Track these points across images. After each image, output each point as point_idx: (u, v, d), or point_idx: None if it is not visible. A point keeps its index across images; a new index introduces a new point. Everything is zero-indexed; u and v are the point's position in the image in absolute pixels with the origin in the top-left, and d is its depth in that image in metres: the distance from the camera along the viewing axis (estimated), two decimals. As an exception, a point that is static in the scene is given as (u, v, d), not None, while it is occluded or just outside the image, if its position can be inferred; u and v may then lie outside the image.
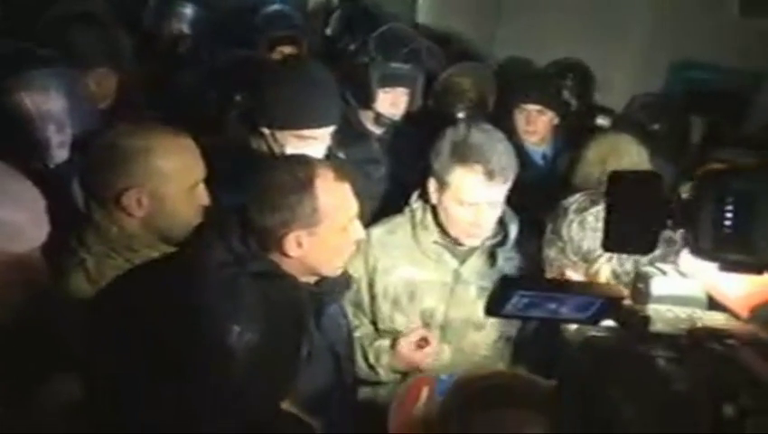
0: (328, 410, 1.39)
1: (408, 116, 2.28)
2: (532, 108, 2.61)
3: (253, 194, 1.36)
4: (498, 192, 1.67)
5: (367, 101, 2.18)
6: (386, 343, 1.78)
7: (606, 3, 3.66)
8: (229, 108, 2.01)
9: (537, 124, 2.62)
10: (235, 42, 2.60)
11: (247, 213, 1.36)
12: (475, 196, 1.66)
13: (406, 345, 1.71)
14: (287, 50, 2.68)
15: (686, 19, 3.54)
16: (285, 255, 1.35)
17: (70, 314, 1.15)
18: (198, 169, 1.47)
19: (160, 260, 1.00)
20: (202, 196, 1.47)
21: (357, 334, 1.79)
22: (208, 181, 1.50)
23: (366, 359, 1.78)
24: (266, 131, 1.79)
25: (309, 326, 1.28)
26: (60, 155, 1.68)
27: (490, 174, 1.63)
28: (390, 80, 2.17)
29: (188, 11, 2.97)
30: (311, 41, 2.89)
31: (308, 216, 1.33)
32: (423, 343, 1.72)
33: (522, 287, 0.74)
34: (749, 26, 3.58)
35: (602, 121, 2.93)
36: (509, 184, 1.68)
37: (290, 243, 1.34)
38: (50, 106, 1.64)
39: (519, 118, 2.61)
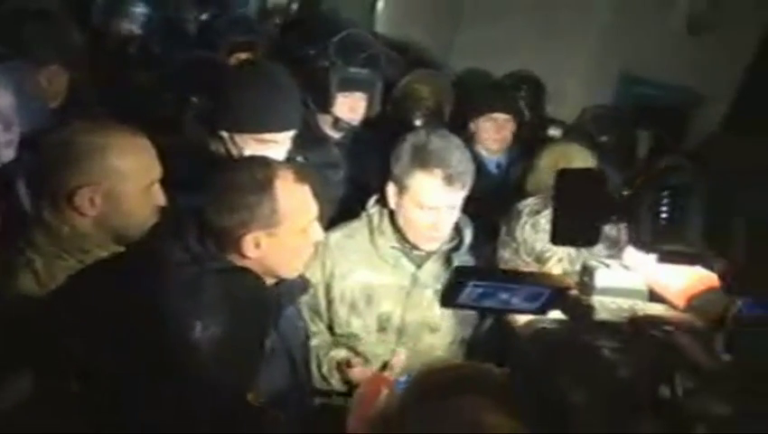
0: (285, 412, 1.39)
1: (367, 121, 2.30)
2: (500, 116, 2.70)
3: (211, 195, 1.35)
4: (456, 196, 1.71)
5: (326, 106, 2.19)
6: (340, 354, 1.79)
7: (560, 17, 3.78)
8: (186, 110, 1.99)
9: (503, 132, 2.71)
10: (191, 44, 2.58)
11: (204, 214, 1.34)
12: (435, 200, 1.69)
13: (360, 374, 1.72)
14: (244, 55, 2.67)
15: (635, 35, 3.70)
16: (243, 256, 1.34)
17: (19, 314, 1.12)
18: (154, 169, 1.44)
19: (115, 259, 0.99)
20: (158, 196, 1.45)
21: (313, 341, 1.79)
22: (164, 182, 1.48)
23: (320, 369, 1.78)
24: (225, 134, 1.78)
25: (272, 321, 1.29)
26: (6, 154, 1.63)
27: (449, 179, 1.67)
28: (349, 85, 2.19)
29: (138, 10, 2.93)
30: (269, 46, 2.89)
31: (267, 217, 1.33)
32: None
33: (476, 277, 0.77)
34: (695, 44, 3.76)
35: (553, 132, 3.04)
36: (467, 190, 1.73)
37: (248, 244, 1.33)
38: None
39: (486, 127, 2.69)
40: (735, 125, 3.73)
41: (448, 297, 0.78)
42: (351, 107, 2.23)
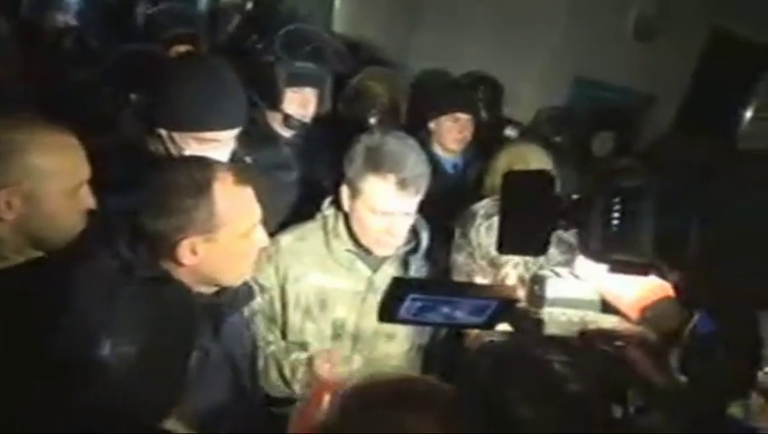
0: (227, 426, 1.32)
1: (318, 119, 2.23)
2: (461, 116, 2.67)
3: (145, 197, 1.27)
4: (410, 202, 1.66)
5: (274, 102, 2.11)
6: (302, 356, 1.72)
7: (516, 19, 3.80)
8: (123, 106, 1.88)
9: (464, 132, 2.68)
10: (127, 36, 2.46)
11: (138, 217, 1.26)
12: (388, 206, 1.64)
13: (323, 364, 1.66)
14: (183, 48, 2.55)
15: (589, 38, 3.75)
16: (179, 263, 1.26)
17: None
18: (81, 170, 1.35)
19: (29, 266, 0.91)
20: (86, 199, 1.35)
21: (271, 348, 1.72)
22: (95, 183, 1.39)
23: (281, 373, 1.71)
24: (164, 132, 1.68)
25: (201, 337, 1.21)
26: None
27: (402, 184, 1.62)
28: (297, 80, 2.12)
29: (73, 0, 2.78)
30: (213, 39, 2.79)
31: (204, 221, 1.25)
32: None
33: (414, 289, 0.71)
34: (646, 48, 3.84)
35: (510, 132, 3.03)
36: (421, 194, 1.67)
37: (184, 250, 1.25)
38: None
39: (447, 127, 2.66)
40: (685, 125, 3.84)
41: (387, 312, 0.73)
42: (300, 102, 2.14)
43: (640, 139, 3.48)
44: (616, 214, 0.61)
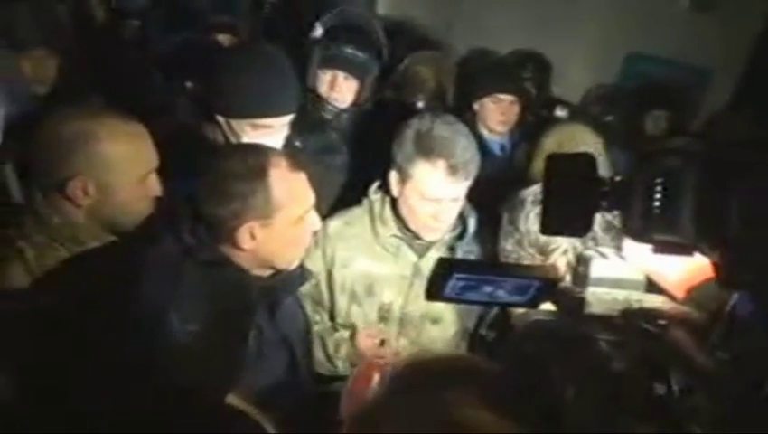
0: (283, 405, 1.38)
1: (368, 105, 2.24)
2: (506, 98, 2.63)
3: (204, 183, 1.32)
4: (460, 187, 1.66)
5: (307, 82, 2.12)
6: (346, 334, 1.76)
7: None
8: (178, 94, 1.95)
9: (510, 114, 2.64)
10: (177, 25, 2.53)
11: (197, 204, 1.31)
12: (437, 192, 1.64)
13: (366, 339, 1.70)
14: (222, 36, 2.58)
15: (640, 11, 3.62)
16: (239, 247, 1.31)
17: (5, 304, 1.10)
18: (150, 159, 1.41)
19: (101, 251, 0.98)
20: (154, 187, 1.41)
21: (316, 328, 1.76)
22: (159, 170, 1.45)
23: (325, 350, 1.76)
24: (221, 119, 1.74)
25: (258, 319, 1.26)
26: None
27: (453, 170, 1.62)
28: (330, 62, 2.13)
29: None
30: (252, 27, 2.82)
31: (261, 207, 1.30)
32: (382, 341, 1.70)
33: (458, 269, 0.74)
34: (699, 21, 3.68)
35: (560, 113, 2.97)
36: (471, 180, 1.67)
37: (243, 235, 1.30)
38: None
39: (491, 108, 2.62)
40: (743, 102, 3.67)
41: (433, 290, 0.76)
42: (331, 84, 2.15)
43: (696, 118, 3.35)
44: (658, 195, 0.62)
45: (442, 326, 1.79)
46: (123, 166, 1.36)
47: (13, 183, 1.42)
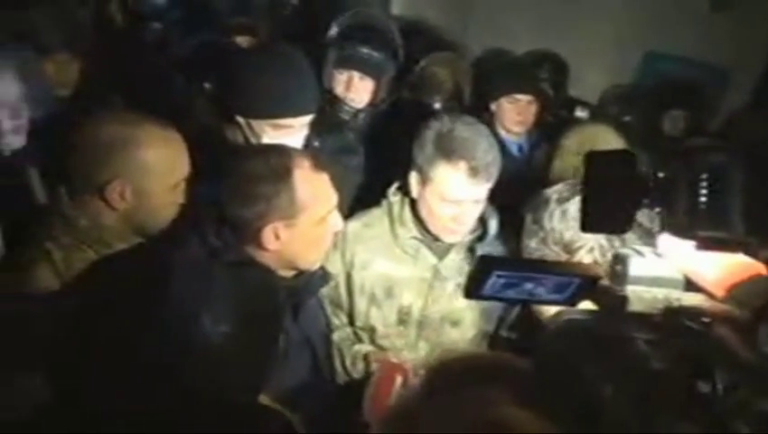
0: (307, 406, 1.38)
1: (385, 106, 2.25)
2: (523, 98, 2.61)
3: (228, 185, 1.32)
4: (481, 189, 1.65)
5: (322, 83, 2.11)
6: (364, 349, 1.75)
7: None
8: (197, 95, 1.96)
9: (527, 114, 2.63)
10: (195, 27, 2.54)
11: (221, 205, 1.31)
12: (458, 193, 1.63)
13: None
14: (241, 38, 2.58)
15: (657, 9, 3.59)
16: (263, 248, 1.31)
17: (34, 307, 1.11)
18: (185, 166, 1.42)
19: (130, 253, 0.98)
20: (183, 194, 1.43)
21: (335, 336, 1.75)
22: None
23: (343, 362, 1.75)
24: (241, 120, 1.75)
25: (285, 319, 1.26)
26: (15, 141, 1.61)
27: (474, 172, 1.60)
28: (345, 63, 2.13)
29: None
30: (271, 28, 2.82)
31: (285, 208, 1.30)
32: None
33: (499, 267, 0.74)
34: (719, 20, 3.64)
35: (580, 114, 2.94)
36: (492, 182, 1.65)
37: (267, 236, 1.30)
38: (2, 91, 1.58)
39: (508, 108, 2.61)
40: (763, 101, 3.62)
41: (472, 288, 0.75)
42: (347, 85, 2.15)
43: (714, 118, 3.32)
44: (704, 191, 0.61)
45: (462, 329, 1.78)
46: (160, 172, 1.37)
47: (37, 186, 1.43)
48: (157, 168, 1.35)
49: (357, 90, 2.16)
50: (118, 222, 1.36)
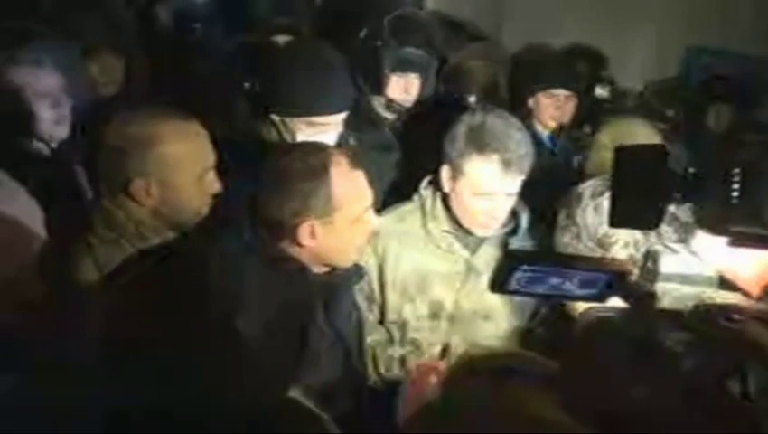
0: (339, 404, 1.38)
1: (420, 100, 2.25)
2: (561, 93, 2.59)
3: (265, 182, 1.34)
4: (513, 182, 1.64)
5: (379, 87, 2.14)
6: (398, 352, 1.76)
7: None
8: (238, 95, 2.00)
9: (564, 109, 2.60)
10: (237, 28, 2.58)
11: (258, 202, 1.33)
12: (491, 187, 1.63)
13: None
14: (282, 38, 2.58)
15: (702, 3, 3.49)
16: (299, 245, 1.32)
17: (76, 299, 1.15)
18: (207, 156, 1.45)
19: (165, 249, 1.00)
20: (212, 184, 1.45)
21: (370, 339, 1.75)
22: (218, 168, 1.48)
23: (376, 367, 1.76)
24: (277, 118, 1.77)
25: (317, 317, 1.27)
26: (58, 131, 1.65)
27: (507, 164, 1.60)
28: (403, 66, 2.13)
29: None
30: (311, 26, 2.84)
31: (322, 205, 1.31)
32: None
33: (527, 261, 0.73)
34: (764, 10, 3.51)
35: (600, 91, 2.86)
36: (525, 175, 1.65)
37: (303, 233, 1.31)
38: (42, 80, 1.61)
39: (545, 104, 2.59)
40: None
41: (498, 283, 0.75)
42: (405, 87, 2.16)
43: (761, 112, 3.20)
44: (736, 186, 0.60)
45: (494, 323, 1.77)
46: (183, 165, 1.40)
47: (83, 182, 1.48)
48: (179, 161, 1.38)
49: (411, 91, 2.17)
50: (150, 218, 1.40)
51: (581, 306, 0.90)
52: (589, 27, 3.48)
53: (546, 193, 1.84)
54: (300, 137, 1.75)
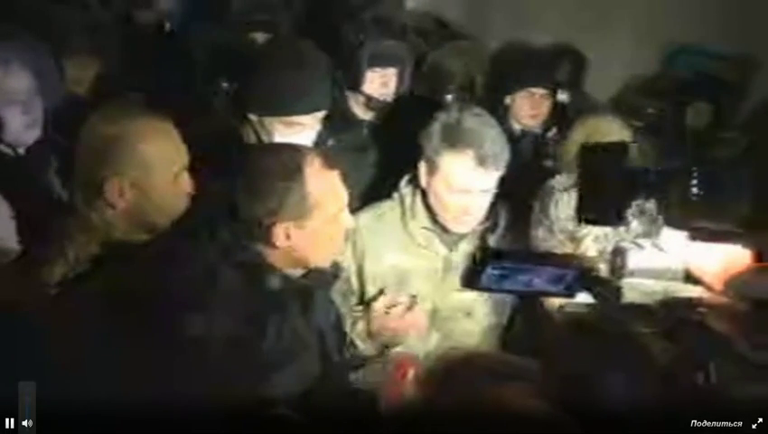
0: (317, 404, 1.37)
1: (396, 98, 2.24)
2: (537, 90, 2.60)
3: (239, 183, 1.33)
4: (489, 179, 1.65)
5: (356, 83, 2.12)
6: (359, 310, 1.73)
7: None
8: (215, 94, 1.99)
9: (541, 108, 2.62)
10: (215, 23, 2.56)
11: (233, 202, 1.32)
12: (466, 183, 1.64)
13: (379, 307, 1.64)
14: (261, 36, 2.55)
15: (679, 2, 3.52)
16: (272, 246, 1.32)
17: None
18: (180, 156, 1.43)
19: (134, 250, 0.99)
20: (186, 184, 1.43)
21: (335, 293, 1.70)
22: (194, 168, 1.47)
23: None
24: (254, 117, 1.75)
25: (292, 317, 1.26)
26: (29, 135, 1.61)
27: (481, 161, 1.61)
28: (381, 60, 2.13)
29: None
30: (291, 24, 2.82)
31: (296, 206, 1.30)
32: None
33: (495, 259, 0.74)
34: (744, 7, 3.55)
35: (561, 96, 2.85)
36: (500, 171, 1.65)
37: (278, 234, 1.30)
38: (10, 82, 1.57)
39: (523, 103, 2.60)
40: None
41: (469, 280, 0.76)
42: (382, 82, 2.15)
43: (739, 110, 3.23)
44: (696, 182, 0.60)
45: (474, 320, 1.78)
46: (156, 165, 1.38)
47: (56, 183, 1.45)
48: (152, 161, 1.36)
49: (389, 85, 2.17)
50: (122, 220, 1.37)
51: (555, 302, 0.91)
52: (570, 25, 3.50)
53: (525, 190, 1.85)
54: (277, 137, 1.73)
